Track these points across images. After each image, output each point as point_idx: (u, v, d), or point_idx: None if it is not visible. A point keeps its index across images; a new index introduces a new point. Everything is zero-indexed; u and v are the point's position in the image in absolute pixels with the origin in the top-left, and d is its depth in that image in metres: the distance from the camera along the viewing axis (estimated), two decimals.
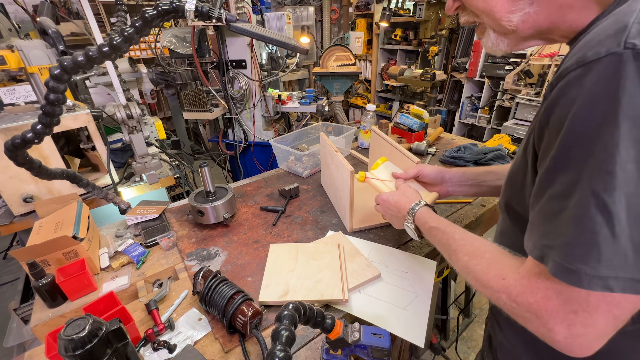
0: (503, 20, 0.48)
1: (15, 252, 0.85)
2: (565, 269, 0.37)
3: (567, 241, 0.37)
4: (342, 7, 5.37)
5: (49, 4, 2.03)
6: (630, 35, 0.32)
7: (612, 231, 0.34)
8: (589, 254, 0.35)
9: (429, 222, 0.72)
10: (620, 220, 0.33)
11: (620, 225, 0.33)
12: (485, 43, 0.54)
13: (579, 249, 0.36)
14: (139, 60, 3.69)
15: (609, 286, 0.35)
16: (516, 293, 0.44)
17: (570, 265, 0.36)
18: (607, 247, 0.34)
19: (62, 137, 1.59)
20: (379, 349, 0.66)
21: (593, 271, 0.35)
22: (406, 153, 1.07)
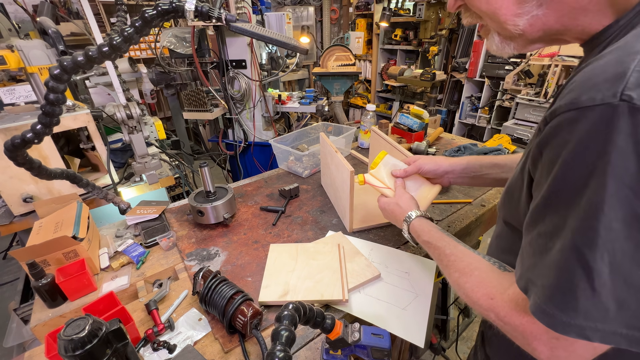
0: (508, 24, 0.45)
1: (15, 252, 0.85)
2: (543, 311, 0.37)
3: (546, 284, 0.37)
4: (342, 7, 5.37)
5: (49, 4, 2.03)
6: (627, 86, 0.30)
7: (591, 286, 0.34)
8: (566, 302, 0.35)
9: (421, 236, 0.74)
10: (600, 277, 0.33)
11: (599, 281, 0.33)
12: (489, 46, 0.52)
13: (557, 295, 0.36)
14: (139, 60, 3.68)
15: (586, 335, 0.35)
16: (504, 314, 0.46)
17: (546, 307, 0.37)
18: (586, 300, 0.34)
19: (62, 137, 1.59)
20: (379, 349, 0.66)
21: (568, 319, 0.35)
22: (406, 153, 1.06)
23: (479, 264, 0.57)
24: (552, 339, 0.40)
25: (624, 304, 0.33)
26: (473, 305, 0.53)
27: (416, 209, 0.81)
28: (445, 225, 1.15)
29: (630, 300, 0.33)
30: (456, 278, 0.58)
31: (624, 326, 0.34)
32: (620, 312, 0.33)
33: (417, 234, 0.76)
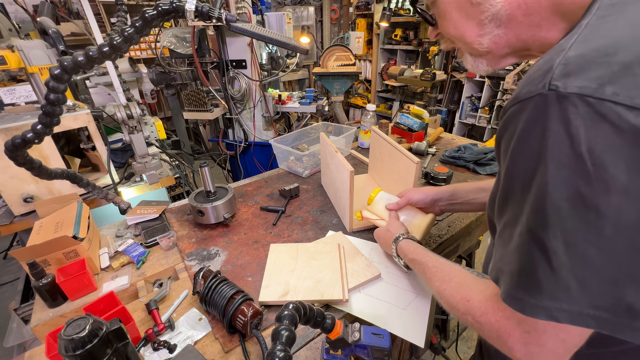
0: (474, 44, 0.51)
1: (16, 252, 0.85)
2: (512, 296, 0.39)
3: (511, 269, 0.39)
4: (342, 7, 5.37)
5: (49, 4, 2.03)
6: (554, 77, 0.33)
7: (550, 265, 0.35)
8: (530, 284, 0.36)
9: (407, 254, 0.79)
10: (557, 255, 0.34)
11: (557, 260, 0.34)
12: (465, 64, 0.57)
13: (522, 278, 0.37)
14: (139, 60, 3.69)
15: (553, 316, 0.36)
16: (479, 314, 0.47)
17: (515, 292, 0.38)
18: (547, 280, 0.35)
19: (62, 137, 1.59)
20: (379, 349, 0.66)
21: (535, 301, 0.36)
22: (406, 153, 1.07)
23: (458, 272, 0.60)
24: (524, 334, 0.40)
25: (585, 283, 0.34)
26: (452, 311, 0.55)
27: (404, 232, 0.86)
28: (445, 225, 1.16)
29: (591, 280, 0.33)
30: (437, 286, 0.61)
31: (590, 306, 0.34)
32: (583, 291, 0.34)
33: (404, 252, 0.81)
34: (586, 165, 0.32)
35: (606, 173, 0.31)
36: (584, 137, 0.32)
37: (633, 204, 0.31)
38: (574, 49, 0.35)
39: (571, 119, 0.32)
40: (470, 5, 0.48)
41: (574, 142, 0.32)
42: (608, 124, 0.31)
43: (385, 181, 1.30)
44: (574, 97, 0.32)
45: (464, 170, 1.54)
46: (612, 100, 0.30)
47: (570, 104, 0.32)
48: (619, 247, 0.32)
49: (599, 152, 0.31)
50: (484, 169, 1.50)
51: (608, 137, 0.31)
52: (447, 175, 1.36)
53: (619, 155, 0.31)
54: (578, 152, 0.32)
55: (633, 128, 0.30)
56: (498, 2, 0.45)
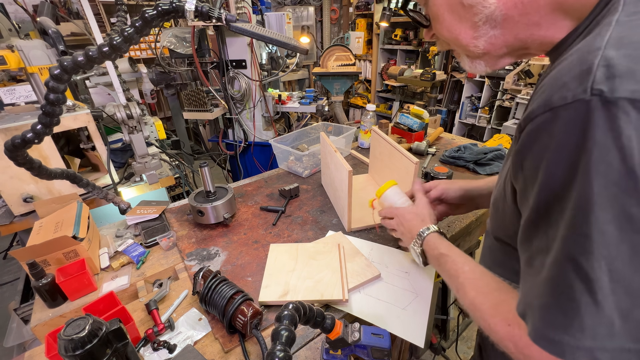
0: (470, 47, 0.49)
1: (15, 252, 0.85)
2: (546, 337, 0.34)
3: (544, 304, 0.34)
4: (342, 7, 5.37)
5: (49, 4, 2.03)
6: (596, 80, 0.29)
7: (594, 299, 0.31)
8: (570, 322, 0.32)
9: (439, 248, 0.68)
10: (602, 287, 0.31)
11: (602, 293, 0.31)
12: (463, 66, 0.54)
13: (558, 315, 0.33)
14: (139, 60, 3.69)
15: (596, 358, 0.32)
16: (523, 345, 0.40)
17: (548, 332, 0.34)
18: (590, 316, 0.31)
19: (62, 137, 1.59)
20: (379, 349, 0.66)
21: (576, 342, 0.32)
22: (405, 153, 1.07)
23: (498, 285, 0.53)
24: None
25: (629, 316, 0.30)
26: (488, 332, 0.48)
27: (436, 224, 0.76)
28: (445, 225, 1.15)
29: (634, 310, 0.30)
30: (472, 298, 0.53)
31: (631, 340, 0.31)
32: (626, 324, 0.31)
33: (435, 246, 0.70)
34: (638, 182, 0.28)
35: None
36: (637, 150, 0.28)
37: None
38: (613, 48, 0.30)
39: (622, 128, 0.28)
40: (462, 7, 0.46)
41: (626, 155, 0.28)
42: None
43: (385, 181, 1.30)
44: (624, 103, 0.28)
45: (464, 170, 1.54)
46: None
47: (621, 111, 0.28)
48: None
49: None
50: (484, 169, 1.50)
51: None
52: (447, 176, 1.36)
53: None
54: (630, 166, 0.28)
55: None
56: (491, 4, 0.43)
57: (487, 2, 0.43)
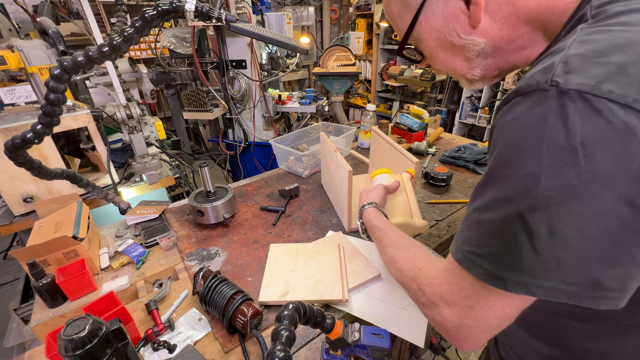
0: (467, 76, 0.55)
1: (15, 252, 0.85)
2: (494, 276, 0.41)
3: (495, 251, 0.41)
4: (342, 7, 5.37)
5: (49, 4, 2.03)
6: (555, 74, 0.36)
7: (534, 248, 0.37)
8: (514, 264, 0.39)
9: (372, 220, 0.79)
10: (541, 240, 0.37)
11: (541, 244, 0.37)
12: (463, 85, 0.60)
13: (506, 259, 0.40)
14: (139, 60, 3.69)
15: (530, 291, 0.39)
16: (426, 282, 0.51)
17: (498, 272, 0.40)
18: (530, 260, 0.38)
19: (62, 137, 1.59)
20: (379, 349, 0.66)
21: (517, 278, 0.39)
22: (405, 153, 1.07)
23: (417, 245, 0.63)
24: (464, 308, 0.44)
25: (563, 264, 0.37)
26: (399, 277, 0.58)
27: (378, 202, 0.87)
28: (445, 225, 1.16)
29: (567, 261, 0.37)
30: (392, 254, 0.63)
31: (564, 283, 0.37)
32: (560, 270, 0.37)
33: (369, 218, 0.81)
34: (578, 157, 0.34)
35: (594, 165, 0.34)
36: (579, 131, 0.34)
37: (611, 193, 0.34)
38: (574, 49, 0.37)
39: (569, 114, 0.34)
40: (454, 47, 0.52)
41: (570, 135, 0.34)
42: (602, 120, 0.33)
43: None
44: (573, 93, 0.34)
45: (463, 170, 1.54)
46: (608, 97, 0.33)
47: (569, 99, 0.34)
48: (593, 232, 0.35)
49: (591, 145, 0.34)
50: (484, 169, 1.50)
51: (601, 132, 0.33)
52: (447, 175, 1.36)
53: (609, 149, 0.33)
54: (573, 144, 0.34)
55: (623, 124, 0.33)
56: (480, 42, 0.49)
57: (476, 41, 0.50)
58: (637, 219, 0.34)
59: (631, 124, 0.32)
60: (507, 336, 0.69)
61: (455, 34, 0.51)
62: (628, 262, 0.36)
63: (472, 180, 1.44)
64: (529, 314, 0.58)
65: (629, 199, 0.34)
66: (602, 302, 0.37)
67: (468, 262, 0.44)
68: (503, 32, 0.48)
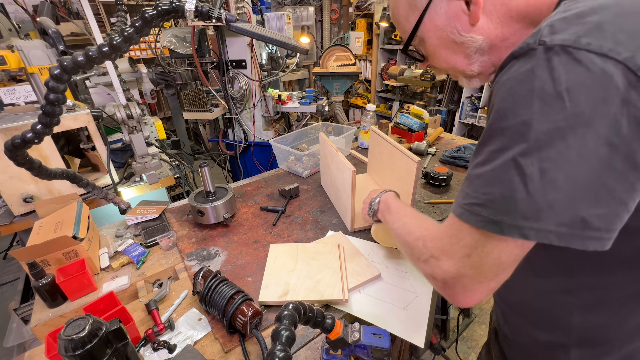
0: (466, 72, 0.60)
1: (15, 252, 0.85)
2: (491, 221, 0.43)
3: (492, 198, 0.43)
4: (342, 7, 5.37)
5: (49, 4, 2.03)
6: (542, 35, 0.41)
7: (527, 190, 0.40)
8: (509, 207, 0.42)
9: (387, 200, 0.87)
10: (533, 182, 0.40)
11: (533, 186, 0.40)
12: (461, 84, 0.65)
13: (501, 203, 0.42)
14: (139, 60, 3.69)
15: (524, 234, 0.41)
16: (430, 238, 0.54)
17: (494, 217, 0.43)
18: (523, 203, 0.41)
19: (62, 137, 1.59)
20: (379, 349, 0.66)
21: (511, 222, 0.42)
22: (406, 152, 1.07)
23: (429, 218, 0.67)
24: (463, 257, 0.47)
25: (553, 205, 0.39)
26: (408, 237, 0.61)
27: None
28: None
29: (557, 202, 0.39)
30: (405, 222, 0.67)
31: (554, 224, 0.40)
32: (550, 211, 0.40)
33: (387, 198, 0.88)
34: (565, 102, 0.38)
35: (578, 108, 0.37)
36: (564, 79, 0.38)
37: (592, 134, 0.37)
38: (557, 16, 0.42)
39: (555, 66, 0.39)
40: (455, 44, 0.57)
41: (556, 84, 0.38)
42: (583, 68, 0.37)
43: (385, 181, 1.30)
44: (557, 48, 0.39)
45: (463, 170, 1.54)
46: (586, 49, 0.37)
47: (554, 53, 0.39)
48: (579, 172, 0.38)
49: (574, 91, 0.38)
50: None
51: (581, 78, 0.37)
52: (447, 175, 1.36)
53: (589, 93, 0.37)
54: (559, 91, 0.38)
55: (600, 70, 0.37)
56: (478, 39, 0.55)
57: (474, 38, 0.55)
58: (618, 160, 0.37)
59: (607, 70, 0.36)
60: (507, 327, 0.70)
61: (456, 31, 0.55)
62: (612, 200, 0.39)
63: None
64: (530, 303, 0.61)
65: (608, 139, 0.37)
66: (590, 242, 0.40)
67: (467, 213, 0.46)
68: (498, 30, 0.53)
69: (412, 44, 0.64)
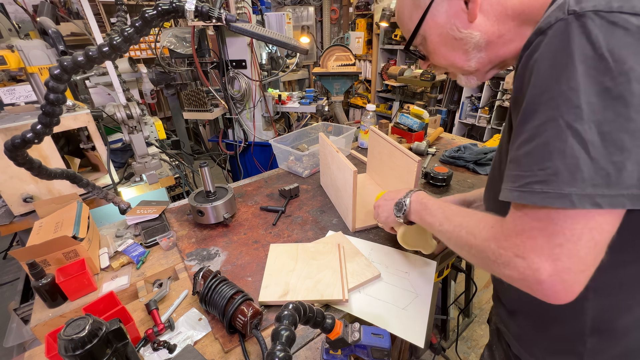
0: (464, 67, 0.63)
1: (15, 252, 0.85)
2: (558, 195, 0.41)
3: (552, 171, 0.42)
4: (342, 7, 5.37)
5: (49, 4, 2.03)
6: (570, 5, 0.41)
7: (589, 156, 0.39)
8: (575, 177, 0.40)
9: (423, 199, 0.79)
10: (594, 146, 0.39)
11: (595, 150, 0.39)
12: (459, 82, 0.68)
13: (565, 174, 0.41)
14: (139, 60, 3.69)
15: (597, 203, 0.40)
16: (503, 238, 0.48)
17: (561, 190, 0.41)
18: (588, 168, 0.39)
19: (62, 137, 1.59)
20: (379, 349, 0.66)
21: (581, 191, 0.40)
22: (406, 152, 1.07)
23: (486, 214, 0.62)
24: (554, 249, 0.42)
25: (620, 167, 0.39)
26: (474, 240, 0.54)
27: None
28: None
29: (624, 163, 0.39)
30: (460, 221, 0.61)
31: (624, 187, 0.39)
32: (619, 174, 0.39)
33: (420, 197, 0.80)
34: (609, 63, 0.38)
35: (625, 65, 0.38)
36: (603, 42, 0.39)
37: None
38: None
39: (591, 30, 0.39)
40: (454, 40, 0.60)
41: (596, 47, 0.39)
42: (620, 28, 0.38)
43: (385, 180, 1.30)
44: (590, 14, 0.39)
45: (463, 170, 1.54)
46: (619, 10, 0.39)
47: (588, 19, 0.40)
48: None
49: (617, 51, 0.38)
50: (484, 169, 1.50)
51: (621, 38, 0.38)
52: (447, 175, 1.36)
53: (632, 50, 0.38)
54: (600, 53, 0.39)
55: (638, 28, 0.38)
56: (476, 35, 0.57)
57: (472, 34, 0.58)
58: None
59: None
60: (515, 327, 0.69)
61: (455, 28, 0.58)
62: None
63: (472, 180, 1.44)
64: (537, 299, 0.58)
65: None
66: None
67: (528, 194, 0.44)
68: (495, 27, 0.56)
69: (415, 43, 0.66)
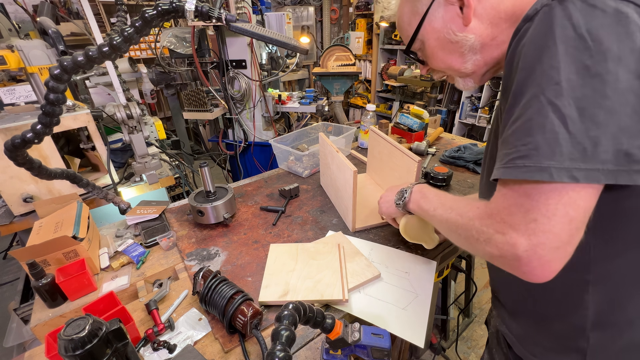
0: (461, 70, 0.66)
1: (15, 252, 0.85)
2: (538, 169, 0.43)
3: (533, 146, 0.44)
4: (342, 7, 5.37)
5: (49, 4, 2.03)
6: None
7: (567, 130, 0.41)
8: (554, 150, 0.42)
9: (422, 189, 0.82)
10: (573, 120, 0.41)
11: (573, 125, 0.41)
12: (457, 85, 0.71)
13: (545, 148, 0.43)
14: (139, 60, 3.69)
15: (574, 176, 0.41)
16: (486, 215, 0.51)
17: (541, 164, 0.43)
18: (566, 142, 0.42)
19: (62, 137, 1.59)
20: (379, 349, 0.66)
21: (559, 164, 0.42)
22: (406, 152, 1.07)
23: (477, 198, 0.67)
24: (530, 224, 0.44)
25: (597, 142, 0.41)
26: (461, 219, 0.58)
27: None
28: None
29: (600, 138, 0.40)
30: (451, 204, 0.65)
31: (600, 162, 0.41)
32: (595, 149, 0.41)
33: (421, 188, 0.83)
34: (587, 42, 0.41)
35: (602, 45, 0.40)
36: (582, 23, 0.42)
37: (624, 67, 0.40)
38: None
39: (572, 12, 0.42)
40: (451, 44, 0.63)
41: (576, 27, 0.42)
42: (598, 10, 0.41)
43: (385, 180, 1.30)
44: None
45: (463, 170, 1.54)
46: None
47: (570, 3, 0.43)
48: (617, 106, 0.40)
49: (595, 31, 0.41)
50: None
51: (599, 19, 0.41)
52: (447, 175, 1.36)
53: (609, 31, 0.40)
54: (580, 33, 0.41)
55: (615, 10, 0.41)
56: (471, 38, 0.61)
57: (467, 37, 0.61)
58: None
59: (622, 9, 0.40)
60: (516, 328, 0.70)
61: (451, 32, 0.62)
62: None
63: (472, 180, 1.44)
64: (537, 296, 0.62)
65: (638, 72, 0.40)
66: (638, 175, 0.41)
67: (511, 169, 0.46)
68: (488, 30, 0.60)
69: (414, 48, 0.70)
